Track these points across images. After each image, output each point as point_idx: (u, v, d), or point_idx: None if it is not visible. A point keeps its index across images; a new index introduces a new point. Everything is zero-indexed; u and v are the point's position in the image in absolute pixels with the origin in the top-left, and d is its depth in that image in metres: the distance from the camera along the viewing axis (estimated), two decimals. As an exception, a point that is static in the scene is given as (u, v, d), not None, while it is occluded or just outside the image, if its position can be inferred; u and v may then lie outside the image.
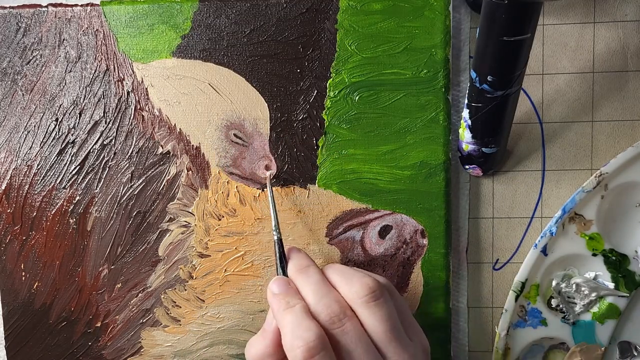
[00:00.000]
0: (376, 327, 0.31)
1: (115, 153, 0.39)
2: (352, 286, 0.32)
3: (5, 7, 0.38)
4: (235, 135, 0.39)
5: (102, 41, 0.38)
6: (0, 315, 0.40)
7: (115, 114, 0.39)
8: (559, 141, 0.39)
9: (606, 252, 0.38)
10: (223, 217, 0.39)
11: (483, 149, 0.37)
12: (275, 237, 0.35)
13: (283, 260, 0.35)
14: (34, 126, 0.39)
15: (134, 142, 0.39)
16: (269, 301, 0.33)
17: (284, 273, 0.34)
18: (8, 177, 0.39)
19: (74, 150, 0.39)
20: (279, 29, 0.38)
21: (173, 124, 0.39)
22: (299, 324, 0.30)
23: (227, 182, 0.39)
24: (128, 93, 0.39)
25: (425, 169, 0.38)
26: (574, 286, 0.38)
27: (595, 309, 0.38)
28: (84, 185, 0.39)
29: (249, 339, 0.40)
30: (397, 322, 0.32)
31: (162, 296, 0.40)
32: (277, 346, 0.32)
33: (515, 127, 0.38)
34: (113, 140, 0.39)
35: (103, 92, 0.39)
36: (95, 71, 0.39)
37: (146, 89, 0.39)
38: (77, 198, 0.39)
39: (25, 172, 0.39)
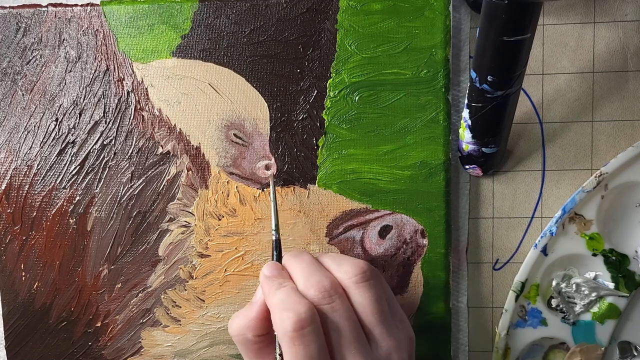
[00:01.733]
0: (365, 307, 0.31)
1: (115, 153, 0.39)
2: (343, 266, 0.32)
3: (5, 7, 0.38)
4: (235, 135, 0.39)
5: (102, 41, 0.38)
6: (0, 315, 0.40)
7: (115, 114, 0.39)
8: (559, 141, 0.39)
9: (606, 252, 0.38)
10: (223, 217, 0.39)
11: (483, 149, 0.37)
12: (274, 238, 0.35)
13: (280, 259, 0.35)
14: (34, 126, 0.39)
15: (134, 142, 0.39)
16: (261, 283, 0.33)
17: None
18: (8, 177, 0.39)
19: (74, 150, 0.39)
20: (279, 29, 0.38)
21: (173, 124, 0.39)
22: (289, 299, 0.30)
23: (227, 182, 0.39)
24: (128, 93, 0.39)
25: (425, 169, 0.38)
26: (574, 286, 0.38)
27: (595, 309, 0.38)
28: (84, 185, 0.39)
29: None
30: (386, 306, 0.32)
31: (162, 296, 0.40)
32: (262, 320, 0.32)
33: (515, 127, 0.38)
34: (113, 140, 0.39)
35: (103, 92, 0.39)
36: (95, 71, 0.39)
37: (146, 89, 0.39)
38: (77, 198, 0.39)
39: (25, 172, 0.39)
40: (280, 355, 0.31)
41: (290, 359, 0.29)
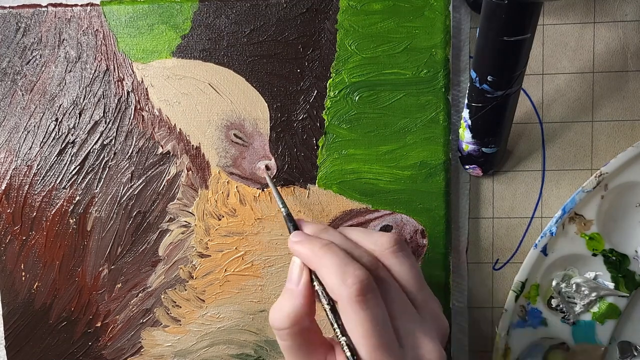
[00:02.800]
0: (406, 274, 0.31)
1: (115, 153, 0.39)
2: (377, 240, 0.32)
3: (5, 7, 0.38)
4: (235, 135, 0.39)
5: (102, 41, 0.38)
6: (0, 315, 0.40)
7: (115, 114, 0.39)
8: (559, 141, 0.39)
9: (606, 252, 0.38)
10: (223, 217, 0.39)
11: (483, 149, 0.37)
12: (284, 213, 0.34)
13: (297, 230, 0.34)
14: (34, 126, 0.39)
15: (134, 142, 0.39)
16: (296, 249, 0.31)
17: None
18: (8, 177, 0.39)
19: (74, 150, 0.39)
20: (279, 29, 0.38)
21: (173, 124, 0.39)
22: (347, 263, 0.29)
23: (227, 182, 0.39)
24: (128, 93, 0.39)
25: (425, 169, 0.38)
26: (574, 286, 0.38)
27: (595, 309, 0.38)
28: (84, 185, 0.39)
29: (249, 339, 0.40)
30: (421, 273, 0.32)
31: (162, 296, 0.40)
32: (312, 304, 0.31)
33: (515, 127, 0.38)
34: (113, 140, 0.39)
35: (103, 92, 0.39)
36: (95, 71, 0.39)
37: (146, 89, 0.39)
38: (77, 198, 0.39)
39: (25, 172, 0.39)
40: (329, 304, 0.30)
41: (359, 323, 0.28)
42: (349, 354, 0.29)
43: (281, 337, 0.31)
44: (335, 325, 0.30)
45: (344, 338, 0.29)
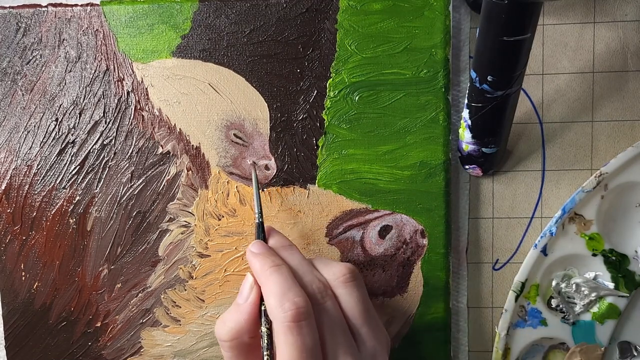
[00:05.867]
0: (353, 307, 0.32)
1: (115, 153, 0.39)
2: (331, 268, 0.33)
3: (5, 7, 0.38)
4: (235, 135, 0.39)
5: (102, 41, 0.38)
6: (0, 315, 0.40)
7: (115, 114, 0.39)
8: (559, 141, 0.39)
9: (606, 252, 0.38)
10: (223, 217, 0.39)
11: (483, 149, 0.37)
12: (257, 221, 0.35)
13: (265, 241, 0.35)
14: (34, 126, 0.39)
15: (134, 142, 0.39)
16: (250, 261, 0.33)
17: None
18: (8, 177, 0.39)
19: (74, 150, 0.39)
20: (279, 29, 0.38)
21: (173, 124, 0.39)
22: (290, 287, 0.30)
23: (227, 182, 0.39)
24: (128, 93, 0.39)
25: (425, 169, 0.38)
26: (574, 286, 0.38)
27: (595, 309, 0.38)
28: (84, 185, 0.39)
29: (248, 339, 0.40)
30: (371, 307, 0.33)
31: (162, 296, 0.40)
32: (255, 322, 0.32)
33: (515, 127, 0.38)
34: (113, 140, 0.39)
35: (103, 92, 0.39)
36: (95, 71, 0.39)
37: (146, 89, 0.39)
38: (77, 198, 0.39)
39: (25, 172, 0.39)
40: (269, 330, 0.31)
41: (286, 348, 0.29)
42: None
43: (223, 348, 0.32)
44: (266, 352, 0.31)
45: None
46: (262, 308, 0.32)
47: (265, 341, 0.31)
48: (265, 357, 0.31)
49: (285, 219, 0.39)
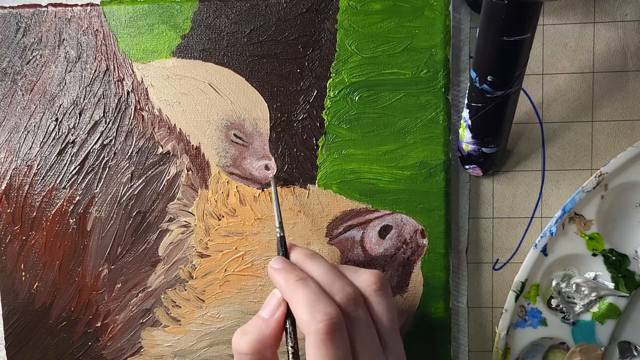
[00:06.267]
0: (383, 315, 0.31)
1: (115, 153, 0.39)
2: (360, 275, 0.32)
3: (5, 7, 0.38)
4: (235, 135, 0.39)
5: (102, 41, 0.38)
6: (0, 315, 0.40)
7: (115, 114, 0.39)
8: (559, 141, 0.39)
9: (606, 252, 0.38)
10: (223, 217, 0.39)
11: (483, 149, 0.37)
12: (279, 235, 0.35)
13: (286, 256, 0.34)
14: (34, 126, 0.39)
15: (134, 142, 0.39)
16: (273, 277, 0.32)
17: None
18: (8, 177, 0.39)
19: (74, 150, 0.39)
20: (279, 29, 0.38)
21: (173, 124, 0.39)
22: (319, 299, 0.30)
23: (227, 182, 0.39)
24: (128, 93, 0.39)
25: (425, 169, 0.38)
26: (574, 286, 0.38)
27: (595, 309, 0.38)
28: (84, 185, 0.39)
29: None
30: (396, 315, 0.33)
31: (162, 296, 0.40)
32: (279, 337, 0.31)
33: (515, 127, 0.38)
34: (113, 140, 0.39)
35: (103, 92, 0.39)
36: (95, 71, 0.39)
37: (146, 89, 0.39)
38: (77, 198, 0.39)
39: (25, 172, 0.39)
40: (293, 348, 0.31)
41: None
42: None
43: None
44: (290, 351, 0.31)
45: None
46: (287, 325, 0.32)
47: (289, 339, 0.31)
48: None
49: (285, 219, 0.39)
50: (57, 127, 0.39)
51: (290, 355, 0.31)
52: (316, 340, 0.29)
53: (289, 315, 0.32)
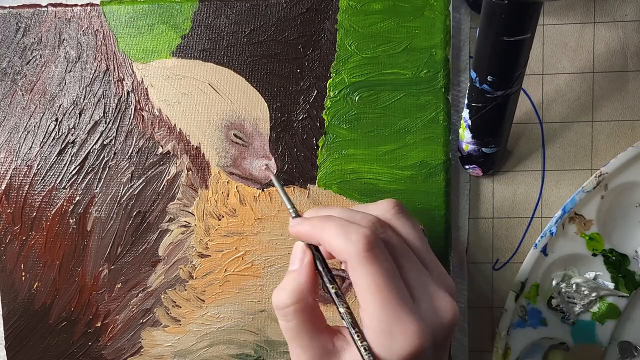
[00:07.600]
0: (410, 234, 0.31)
1: (115, 153, 0.39)
2: (377, 205, 0.32)
3: (5, 7, 0.38)
4: (235, 135, 0.39)
5: (102, 41, 0.38)
6: (0, 315, 0.40)
7: (115, 114, 0.39)
8: (559, 141, 0.39)
9: (606, 252, 0.38)
10: (223, 217, 0.39)
11: (483, 149, 0.37)
12: (290, 209, 0.34)
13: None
14: (34, 126, 0.39)
15: (134, 142, 0.39)
16: (298, 230, 0.31)
17: None
18: (8, 177, 0.39)
19: (74, 150, 0.39)
20: (279, 29, 0.38)
21: (173, 124, 0.39)
22: (349, 225, 0.29)
23: (227, 182, 0.39)
24: (128, 93, 0.39)
25: (425, 169, 0.38)
26: (574, 286, 0.38)
27: (595, 309, 0.38)
28: (84, 185, 0.39)
29: (249, 339, 0.40)
30: (423, 234, 0.32)
31: (162, 296, 0.40)
32: (315, 282, 0.30)
33: (515, 127, 0.38)
34: (113, 140, 0.39)
35: (103, 92, 0.39)
36: (95, 71, 0.39)
37: (146, 89, 0.39)
38: (77, 198, 0.39)
39: (25, 172, 0.39)
40: (334, 287, 0.29)
41: (367, 279, 0.27)
42: (355, 337, 0.28)
43: (286, 317, 0.30)
44: (344, 306, 0.29)
45: (347, 316, 0.29)
46: (319, 267, 0.30)
47: (335, 298, 0.29)
48: (344, 310, 0.29)
49: (286, 219, 0.39)
50: (57, 127, 0.39)
51: (334, 296, 0.30)
52: (359, 259, 0.28)
53: (317, 259, 0.31)
